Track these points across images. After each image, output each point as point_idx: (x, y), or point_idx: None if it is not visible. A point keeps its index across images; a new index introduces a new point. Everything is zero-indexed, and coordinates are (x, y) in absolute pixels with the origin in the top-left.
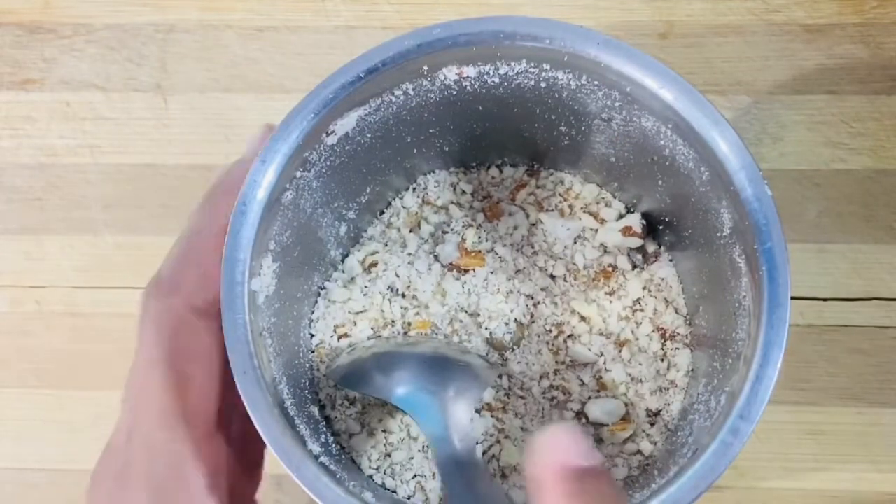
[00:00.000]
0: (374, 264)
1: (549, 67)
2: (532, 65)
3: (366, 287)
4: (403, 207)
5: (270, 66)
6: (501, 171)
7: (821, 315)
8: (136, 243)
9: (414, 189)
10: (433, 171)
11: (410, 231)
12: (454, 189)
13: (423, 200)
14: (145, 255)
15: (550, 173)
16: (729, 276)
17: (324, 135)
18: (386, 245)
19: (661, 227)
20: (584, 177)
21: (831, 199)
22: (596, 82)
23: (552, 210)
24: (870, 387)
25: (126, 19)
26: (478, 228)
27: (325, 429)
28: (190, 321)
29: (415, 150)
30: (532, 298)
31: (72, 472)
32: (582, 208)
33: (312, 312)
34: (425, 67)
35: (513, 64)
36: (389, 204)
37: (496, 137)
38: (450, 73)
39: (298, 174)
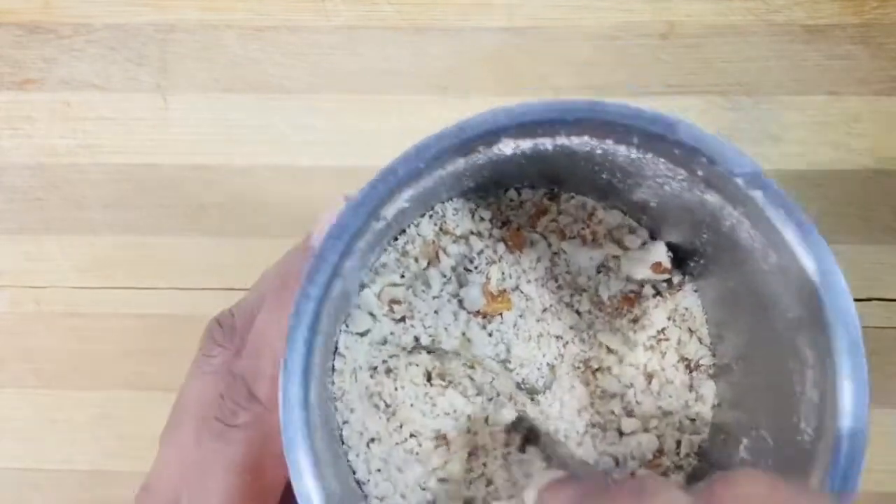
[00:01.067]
0: (395, 301)
1: (611, 142)
2: (594, 139)
3: (391, 335)
4: (419, 235)
5: (270, 66)
6: (520, 194)
7: None
8: (136, 243)
9: (431, 216)
10: (451, 199)
11: (429, 264)
12: (472, 216)
13: (440, 229)
14: (145, 255)
15: (571, 196)
16: (786, 356)
17: (373, 222)
18: (403, 276)
19: (691, 261)
20: (609, 204)
21: (832, 200)
22: (662, 159)
23: (574, 237)
24: (871, 387)
25: (126, 19)
26: (500, 262)
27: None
28: (278, 437)
29: (443, 194)
30: (561, 339)
31: (71, 473)
32: (605, 235)
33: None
34: (481, 147)
35: (573, 138)
36: (403, 231)
37: (522, 170)
38: (505, 148)
39: (346, 265)
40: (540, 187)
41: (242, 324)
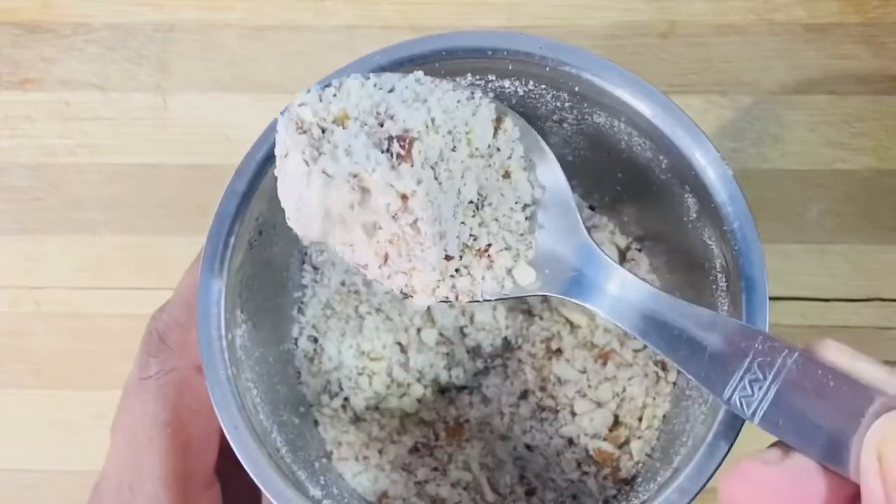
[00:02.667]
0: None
1: (494, 78)
2: (477, 77)
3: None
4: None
5: (270, 66)
6: None
7: (823, 316)
8: (136, 243)
9: None
10: None
11: None
12: None
13: None
14: (145, 255)
15: None
16: (703, 261)
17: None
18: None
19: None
20: None
21: (833, 200)
22: (543, 86)
23: None
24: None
25: (125, 19)
26: None
27: (322, 469)
28: (193, 381)
29: None
30: (529, 314)
31: (70, 474)
32: None
33: (296, 342)
34: None
35: (458, 79)
36: None
37: None
38: None
39: (260, 219)
40: None
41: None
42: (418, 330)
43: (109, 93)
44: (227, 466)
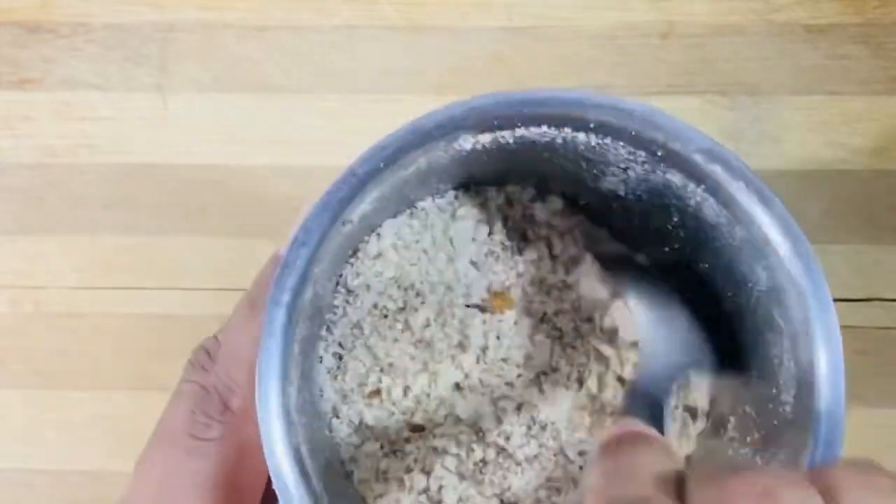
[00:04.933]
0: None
1: (570, 130)
2: (553, 128)
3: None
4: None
5: (270, 66)
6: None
7: None
8: (136, 243)
9: (411, 214)
10: (432, 197)
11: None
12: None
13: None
14: (145, 255)
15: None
16: (761, 328)
17: (340, 225)
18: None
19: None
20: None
21: (833, 200)
22: (621, 143)
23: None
24: (871, 388)
25: (125, 19)
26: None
27: None
28: (257, 446)
29: (418, 194)
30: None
31: (71, 473)
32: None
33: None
34: (442, 143)
35: (532, 129)
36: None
37: (493, 166)
38: (465, 144)
39: (316, 270)
40: (524, 184)
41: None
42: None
43: (109, 93)
44: None
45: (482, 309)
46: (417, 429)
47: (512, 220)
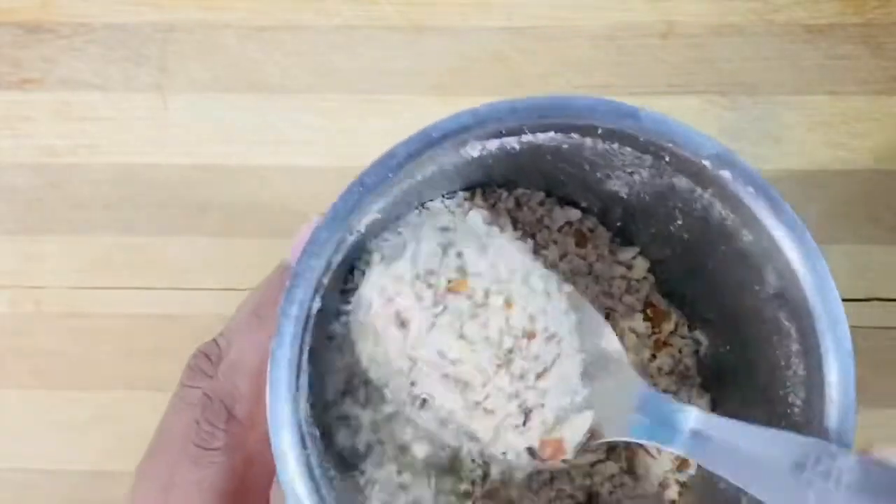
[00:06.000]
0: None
1: (577, 136)
2: (560, 133)
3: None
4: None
5: (270, 66)
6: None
7: None
8: (136, 243)
9: (420, 213)
10: (442, 198)
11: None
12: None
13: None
14: (145, 255)
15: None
16: (769, 336)
17: (348, 235)
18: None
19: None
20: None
21: (832, 200)
22: (628, 147)
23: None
24: (871, 388)
25: (125, 19)
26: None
27: None
28: (264, 454)
29: (427, 195)
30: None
31: (71, 473)
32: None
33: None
34: (450, 150)
35: (538, 135)
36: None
37: (499, 171)
38: (472, 151)
39: (325, 280)
40: (534, 188)
41: (227, 352)
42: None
43: (109, 93)
44: None
45: None
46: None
47: (522, 224)
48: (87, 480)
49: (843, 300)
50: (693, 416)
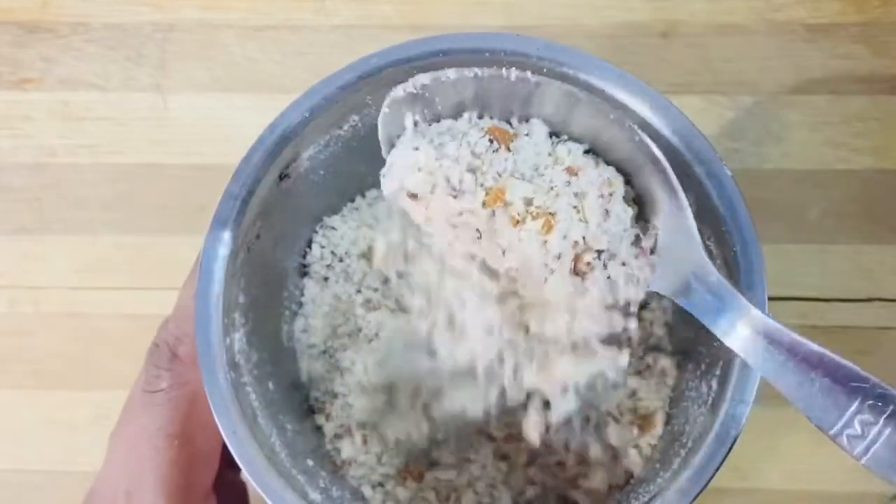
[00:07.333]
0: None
1: (515, 71)
2: (501, 69)
3: None
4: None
5: (270, 66)
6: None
7: (823, 316)
8: (136, 243)
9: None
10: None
11: None
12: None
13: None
14: (144, 255)
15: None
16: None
17: (278, 181)
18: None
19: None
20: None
21: (834, 200)
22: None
23: None
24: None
25: (125, 19)
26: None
27: (322, 472)
28: (203, 394)
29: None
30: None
31: (71, 473)
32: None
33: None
34: (368, 98)
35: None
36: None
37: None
38: (397, 92)
39: (259, 224)
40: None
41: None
42: None
43: (109, 93)
44: (220, 479)
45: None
46: None
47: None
48: (87, 481)
49: (843, 300)
50: (744, 306)
